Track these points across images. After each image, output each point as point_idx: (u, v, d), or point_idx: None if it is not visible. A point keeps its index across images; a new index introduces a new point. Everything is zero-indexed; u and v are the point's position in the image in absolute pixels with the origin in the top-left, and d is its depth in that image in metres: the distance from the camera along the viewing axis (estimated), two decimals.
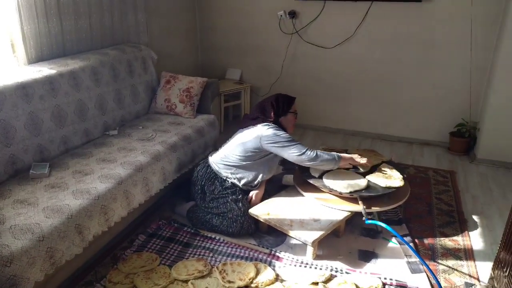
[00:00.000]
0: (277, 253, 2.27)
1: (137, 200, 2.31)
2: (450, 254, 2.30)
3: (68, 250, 1.85)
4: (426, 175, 3.24)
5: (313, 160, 2.37)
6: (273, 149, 2.41)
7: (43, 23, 2.59)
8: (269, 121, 2.49)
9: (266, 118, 2.52)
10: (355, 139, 4.03)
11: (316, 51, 3.99)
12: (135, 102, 3.10)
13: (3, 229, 1.72)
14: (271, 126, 2.44)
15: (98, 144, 2.63)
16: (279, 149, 2.39)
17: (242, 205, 2.41)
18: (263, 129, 2.42)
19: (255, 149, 2.43)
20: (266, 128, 2.42)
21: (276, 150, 2.41)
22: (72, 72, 2.59)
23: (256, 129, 2.45)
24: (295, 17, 3.94)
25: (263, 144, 2.40)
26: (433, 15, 3.48)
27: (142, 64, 3.20)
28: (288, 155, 2.38)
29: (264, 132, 2.40)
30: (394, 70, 3.77)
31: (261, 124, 2.46)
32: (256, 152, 2.45)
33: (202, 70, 4.58)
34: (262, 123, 2.47)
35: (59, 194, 2.01)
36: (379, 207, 2.32)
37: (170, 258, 2.22)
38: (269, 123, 2.47)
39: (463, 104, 3.62)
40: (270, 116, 2.52)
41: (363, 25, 3.74)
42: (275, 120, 2.52)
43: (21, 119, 2.25)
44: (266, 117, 2.52)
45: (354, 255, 2.28)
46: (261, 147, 2.42)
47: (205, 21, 4.39)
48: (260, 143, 2.41)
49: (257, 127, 2.46)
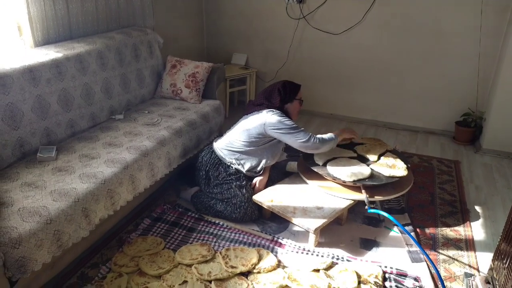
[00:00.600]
0: (279, 239, 2.30)
1: (142, 185, 2.34)
2: (451, 244, 2.33)
3: (75, 233, 1.89)
4: (430, 165, 3.24)
5: (316, 147, 2.40)
6: (277, 135, 2.42)
7: (50, 6, 2.58)
8: (274, 107, 2.50)
9: (272, 104, 2.52)
10: (360, 126, 4.02)
11: (323, 37, 3.95)
12: (140, 86, 3.10)
13: (11, 212, 1.76)
14: (276, 113, 2.44)
15: (104, 128, 2.65)
16: (283, 135, 2.40)
17: (246, 191, 2.44)
18: (267, 115, 2.43)
19: (259, 135, 2.44)
20: (271, 114, 2.42)
21: (280, 136, 2.42)
22: (78, 55, 2.59)
23: (260, 115, 2.46)
24: (302, 1, 3.89)
25: (267, 130, 2.41)
26: (443, 2, 3.42)
27: (148, 48, 3.19)
28: (292, 141, 2.40)
29: (268, 118, 2.41)
30: (401, 57, 3.74)
31: (266, 110, 2.47)
32: (260, 138, 2.46)
33: (208, 54, 4.56)
34: (267, 109, 2.47)
35: (66, 177, 2.04)
36: (382, 196, 2.34)
37: (174, 242, 2.26)
38: (273, 110, 2.47)
39: (469, 93, 3.59)
40: (276, 103, 2.52)
41: (371, 12, 3.69)
42: (281, 106, 2.52)
43: (28, 102, 2.26)
44: (272, 103, 2.52)
45: (356, 243, 2.31)
46: (265, 133, 2.43)
47: (211, 4, 4.34)
48: (264, 129, 2.41)
49: (261, 113, 2.46)
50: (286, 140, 2.42)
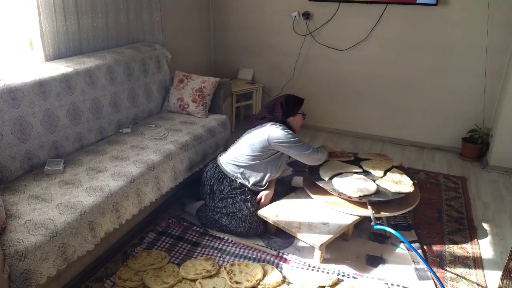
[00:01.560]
0: (284, 255, 2.29)
1: (148, 198, 2.35)
2: (458, 261, 2.29)
3: (80, 246, 1.89)
4: (436, 181, 3.22)
5: (319, 159, 2.50)
6: (281, 148, 2.43)
7: (61, 21, 2.64)
8: (277, 121, 2.51)
9: (274, 118, 2.53)
10: (366, 142, 4.02)
11: (329, 53, 3.98)
12: (148, 100, 3.14)
13: (18, 224, 1.77)
14: (278, 126, 2.46)
15: (112, 141, 2.67)
16: (286, 148, 2.41)
17: (251, 205, 2.43)
18: (270, 128, 2.44)
19: (262, 148, 2.45)
20: (274, 128, 2.44)
21: (283, 149, 2.43)
22: (88, 70, 2.63)
23: (263, 129, 2.47)
24: (309, 18, 3.94)
25: (271, 143, 2.42)
26: (448, 18, 3.45)
27: (156, 63, 3.23)
28: (296, 153, 2.44)
29: (271, 132, 2.42)
30: (407, 73, 3.75)
31: (269, 124, 2.49)
32: (263, 151, 2.46)
33: (215, 69, 4.61)
34: (270, 123, 2.49)
35: (73, 190, 2.06)
36: (388, 213, 2.32)
37: (179, 256, 2.26)
38: (276, 123, 2.49)
39: (476, 110, 3.59)
40: (278, 116, 2.53)
41: (377, 28, 3.72)
42: (283, 120, 2.54)
43: (38, 115, 2.30)
44: (274, 117, 2.54)
45: (362, 259, 2.29)
46: (269, 146, 2.44)
47: (219, 20, 4.41)
48: (268, 143, 2.43)
49: (264, 127, 2.48)
50: (290, 152, 2.44)
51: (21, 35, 2.54)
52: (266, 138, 2.42)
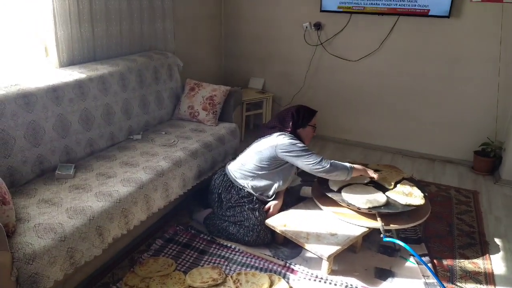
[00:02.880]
0: (292, 265, 2.26)
1: (156, 205, 2.36)
2: (469, 277, 2.25)
3: (88, 251, 1.90)
4: (448, 194, 3.18)
5: (327, 171, 2.34)
6: (288, 158, 2.41)
7: (76, 29, 2.69)
8: (287, 131, 2.51)
9: (284, 128, 2.53)
10: (376, 153, 3.99)
11: (340, 64, 3.98)
12: (159, 108, 3.16)
13: (27, 227, 1.78)
14: (287, 136, 2.45)
15: (122, 147, 2.69)
16: (294, 158, 2.39)
17: (259, 214, 2.42)
18: (278, 138, 2.44)
19: (270, 158, 2.45)
20: (282, 137, 2.43)
21: (291, 160, 2.41)
22: (101, 77, 2.67)
23: (272, 138, 2.47)
24: (320, 29, 3.96)
25: (278, 153, 2.41)
26: (461, 31, 3.43)
27: (168, 71, 3.26)
28: (303, 164, 2.38)
29: (279, 141, 2.42)
30: (419, 85, 3.73)
31: (277, 133, 2.48)
32: (271, 161, 2.46)
33: (226, 77, 4.64)
34: (279, 133, 2.49)
35: (82, 195, 2.07)
36: (398, 225, 2.29)
37: (185, 264, 2.25)
38: (285, 133, 2.48)
39: (488, 123, 3.54)
40: (288, 127, 2.53)
41: (388, 39, 3.72)
42: (293, 131, 2.53)
43: (50, 120, 2.33)
44: (284, 127, 2.53)
45: (370, 272, 2.26)
46: (276, 156, 2.43)
47: (230, 29, 4.45)
48: (276, 152, 2.42)
49: (273, 136, 2.48)
50: (297, 163, 2.41)
51: (37, 42, 2.59)
52: (274, 147, 2.42)
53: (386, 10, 3.58)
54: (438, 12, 3.40)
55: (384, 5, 3.57)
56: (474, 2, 3.32)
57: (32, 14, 2.51)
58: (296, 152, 2.38)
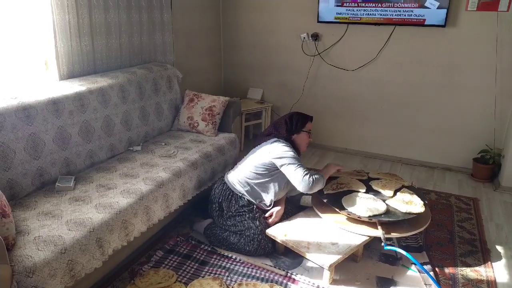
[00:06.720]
0: (293, 275, 2.25)
1: (157, 216, 2.35)
2: (472, 285, 2.24)
3: (88, 263, 1.89)
4: (448, 202, 3.17)
5: (311, 187, 2.34)
6: (277, 163, 2.41)
7: (76, 42, 2.71)
8: (282, 137, 2.52)
9: (279, 134, 2.55)
10: (375, 162, 4.00)
11: (338, 73, 4.01)
12: (159, 119, 3.18)
13: (27, 240, 1.78)
14: (282, 143, 2.46)
15: (122, 159, 2.70)
16: (284, 166, 2.38)
17: (259, 224, 2.42)
18: (273, 144, 2.46)
19: (265, 164, 2.45)
20: (276, 144, 2.45)
21: (281, 167, 2.40)
22: (101, 89, 2.68)
23: (266, 145, 2.49)
24: (317, 39, 3.99)
25: (271, 159, 2.42)
26: (457, 39, 3.47)
27: (168, 82, 3.29)
28: (290, 173, 2.37)
29: (271, 147, 2.44)
30: (417, 93, 3.75)
31: (273, 140, 2.50)
32: (267, 168, 2.46)
33: (225, 88, 4.66)
34: (274, 139, 2.50)
35: (82, 207, 2.07)
36: (398, 233, 2.29)
37: (186, 275, 2.24)
38: (280, 140, 2.49)
39: (486, 130, 3.56)
40: (283, 133, 2.54)
41: (385, 49, 3.76)
42: (287, 137, 2.54)
43: (50, 133, 2.34)
44: (279, 133, 2.55)
45: (372, 281, 2.25)
46: (270, 162, 2.43)
47: (229, 40, 4.49)
48: (269, 158, 2.43)
49: (268, 143, 2.50)
50: (285, 171, 2.39)
51: (37, 55, 2.61)
52: (267, 153, 2.43)
53: (383, 20, 3.63)
54: (434, 21, 3.44)
55: (380, 15, 3.61)
56: (469, 11, 3.36)
57: (33, 28, 2.53)
58: (285, 159, 2.38)
